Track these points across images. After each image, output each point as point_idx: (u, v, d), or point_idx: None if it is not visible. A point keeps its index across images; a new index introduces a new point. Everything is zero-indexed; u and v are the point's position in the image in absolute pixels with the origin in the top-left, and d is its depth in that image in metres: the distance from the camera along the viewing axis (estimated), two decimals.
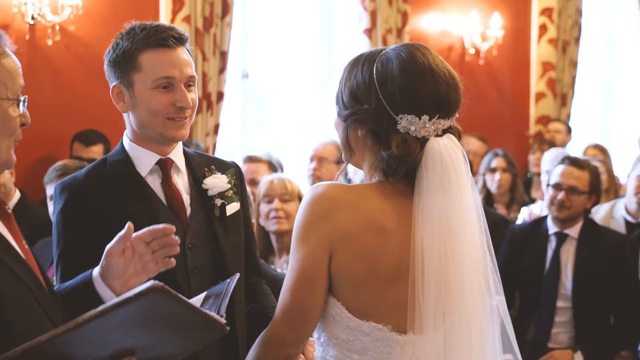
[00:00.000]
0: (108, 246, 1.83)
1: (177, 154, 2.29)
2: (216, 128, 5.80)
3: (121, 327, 1.51)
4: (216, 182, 2.28)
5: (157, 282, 1.49)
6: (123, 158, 2.25)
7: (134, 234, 1.82)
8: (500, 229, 4.58)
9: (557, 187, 4.17)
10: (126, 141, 2.28)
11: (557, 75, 7.89)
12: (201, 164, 2.33)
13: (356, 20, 6.53)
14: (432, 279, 1.77)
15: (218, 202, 2.28)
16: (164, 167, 2.26)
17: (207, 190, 2.28)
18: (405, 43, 1.90)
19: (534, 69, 7.90)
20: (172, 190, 2.25)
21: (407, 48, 1.84)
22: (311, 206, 1.81)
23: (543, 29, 7.84)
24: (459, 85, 1.85)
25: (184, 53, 2.22)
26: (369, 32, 6.46)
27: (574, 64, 7.97)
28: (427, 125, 1.80)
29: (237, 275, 1.96)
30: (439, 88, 1.80)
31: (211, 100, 5.73)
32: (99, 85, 5.25)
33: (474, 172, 5.47)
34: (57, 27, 5.09)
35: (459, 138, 1.86)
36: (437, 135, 1.81)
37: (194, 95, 2.24)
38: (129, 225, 1.81)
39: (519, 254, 4.30)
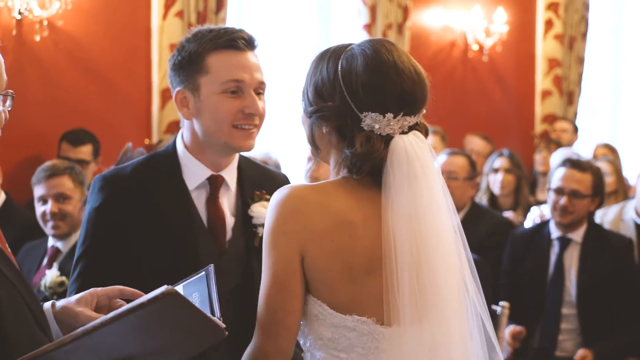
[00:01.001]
0: (82, 309, 1.77)
1: (230, 170, 2.20)
2: None
3: (129, 333, 1.51)
4: (262, 213, 2.20)
5: (169, 287, 1.49)
6: (173, 163, 2.18)
7: (103, 289, 1.82)
8: (503, 232, 4.52)
9: (558, 191, 4.07)
10: (179, 146, 2.19)
11: (564, 72, 7.87)
12: (253, 180, 2.25)
13: (355, 16, 6.48)
14: (405, 273, 1.78)
15: (260, 231, 2.20)
16: (214, 184, 2.17)
17: (252, 217, 2.21)
18: (372, 38, 1.91)
19: (540, 66, 7.87)
20: (217, 211, 2.18)
21: (372, 44, 1.85)
22: (278, 209, 1.80)
23: (549, 24, 7.82)
24: (425, 81, 1.85)
25: (254, 57, 2.18)
26: (369, 27, 6.41)
27: (580, 61, 7.94)
28: (392, 123, 1.80)
29: (212, 266, 1.87)
30: (404, 85, 1.80)
31: None
32: (88, 83, 5.27)
33: (478, 173, 5.33)
34: (45, 23, 4.99)
35: (426, 135, 1.87)
36: (402, 133, 1.81)
37: (263, 103, 2.16)
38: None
39: (521, 259, 4.22)
